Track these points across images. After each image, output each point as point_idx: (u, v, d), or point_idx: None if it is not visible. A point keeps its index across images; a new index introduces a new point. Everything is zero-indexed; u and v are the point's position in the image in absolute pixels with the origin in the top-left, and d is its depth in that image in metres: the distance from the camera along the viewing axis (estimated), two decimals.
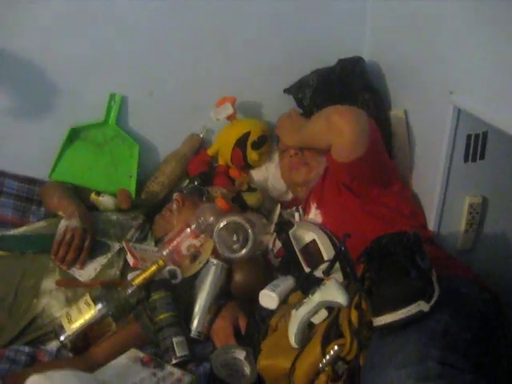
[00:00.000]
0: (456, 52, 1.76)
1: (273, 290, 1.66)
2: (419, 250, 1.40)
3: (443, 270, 1.50)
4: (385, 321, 1.30)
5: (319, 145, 1.88)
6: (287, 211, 2.11)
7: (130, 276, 1.79)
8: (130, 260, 1.84)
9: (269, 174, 2.27)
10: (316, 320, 1.46)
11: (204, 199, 2.08)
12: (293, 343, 1.45)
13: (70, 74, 2.14)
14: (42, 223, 1.99)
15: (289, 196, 2.28)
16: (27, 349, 1.68)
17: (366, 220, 1.81)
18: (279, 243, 1.95)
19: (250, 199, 2.12)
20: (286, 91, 2.25)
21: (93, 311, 1.65)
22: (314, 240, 1.69)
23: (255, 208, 2.12)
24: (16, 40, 2.05)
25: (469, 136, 1.83)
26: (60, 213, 1.95)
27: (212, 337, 1.77)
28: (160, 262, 1.72)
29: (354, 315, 1.38)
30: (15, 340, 1.72)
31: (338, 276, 1.56)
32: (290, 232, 1.75)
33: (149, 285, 1.74)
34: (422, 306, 1.30)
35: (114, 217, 2.06)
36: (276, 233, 1.92)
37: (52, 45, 2.09)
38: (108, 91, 2.20)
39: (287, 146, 2.11)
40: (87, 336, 1.67)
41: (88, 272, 1.83)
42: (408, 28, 2.05)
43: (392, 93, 2.23)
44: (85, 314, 1.65)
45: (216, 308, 1.80)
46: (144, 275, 1.72)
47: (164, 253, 1.88)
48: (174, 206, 2.02)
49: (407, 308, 1.29)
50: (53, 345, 1.72)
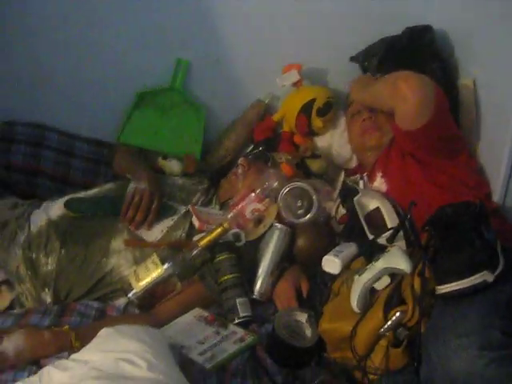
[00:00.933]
0: None
1: (336, 256, 1.68)
2: (485, 221, 1.40)
3: (508, 242, 1.50)
4: (449, 289, 1.31)
5: (382, 107, 1.89)
6: (350, 178, 2.11)
7: (196, 238, 1.83)
8: (196, 222, 1.89)
9: (333, 141, 2.25)
10: (378, 286, 1.47)
11: (269, 164, 2.10)
12: (355, 308, 1.47)
13: (139, 40, 2.18)
14: (111, 185, 2.04)
15: (352, 163, 2.26)
16: (96, 304, 1.75)
17: (431, 189, 1.79)
18: (342, 210, 1.97)
19: (314, 166, 2.13)
20: (353, 59, 2.23)
21: (159, 270, 1.71)
22: (378, 207, 1.69)
23: (319, 174, 2.13)
24: (90, 7, 2.10)
25: None
26: (129, 175, 2.00)
27: (274, 299, 1.81)
28: (225, 225, 1.76)
29: (417, 282, 1.39)
30: (85, 296, 1.79)
31: (402, 244, 1.55)
32: (355, 199, 1.75)
33: (213, 247, 1.78)
34: (487, 276, 1.30)
35: (180, 181, 2.10)
36: (340, 199, 1.93)
37: (123, 12, 2.13)
38: (175, 57, 2.22)
39: (359, 109, 2.09)
40: (153, 294, 1.73)
41: (155, 233, 1.88)
42: None
43: (461, 61, 2.17)
44: (152, 273, 1.71)
45: (279, 271, 1.84)
46: (209, 237, 1.77)
47: (229, 216, 1.90)
48: (240, 171, 2.05)
49: (472, 277, 1.30)
50: (121, 301, 1.78)
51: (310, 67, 2.27)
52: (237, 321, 1.68)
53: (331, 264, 1.67)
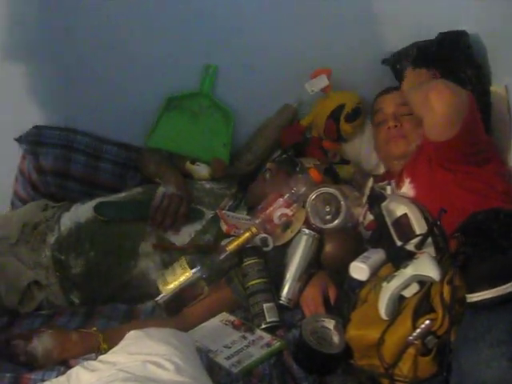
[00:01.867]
0: None
1: (364, 262, 1.66)
2: None
3: None
4: (480, 297, 1.29)
5: (415, 112, 1.86)
6: (379, 185, 2.10)
7: (224, 242, 1.83)
8: (224, 227, 1.89)
9: (362, 147, 2.25)
10: (407, 293, 1.45)
11: (297, 170, 2.10)
12: (383, 315, 1.46)
13: (168, 46, 2.19)
14: (139, 189, 2.05)
15: (380, 170, 2.26)
16: (124, 307, 1.77)
17: (459, 195, 1.78)
18: (370, 216, 1.95)
19: (343, 171, 2.13)
20: (384, 62, 2.21)
21: (187, 274, 1.71)
22: (406, 214, 1.67)
23: (347, 180, 2.13)
24: (116, 9, 2.11)
25: None
26: (157, 179, 2.01)
27: (301, 305, 1.80)
28: (253, 230, 1.76)
29: (447, 290, 1.37)
30: (113, 298, 1.81)
31: (431, 251, 1.54)
32: (383, 205, 1.74)
33: (241, 251, 1.78)
34: None
35: (208, 185, 2.11)
36: (368, 205, 1.92)
37: (154, 13, 2.14)
38: (204, 62, 2.24)
39: (384, 117, 2.08)
40: (181, 298, 1.73)
41: (183, 237, 1.90)
42: None
43: (493, 67, 2.15)
44: (180, 277, 1.71)
45: (306, 277, 1.83)
46: (237, 242, 1.77)
47: (256, 221, 1.90)
48: (268, 176, 2.05)
49: (504, 286, 1.27)
50: (148, 305, 1.80)
51: (340, 72, 2.25)
52: (264, 326, 1.68)
53: (359, 270, 1.66)
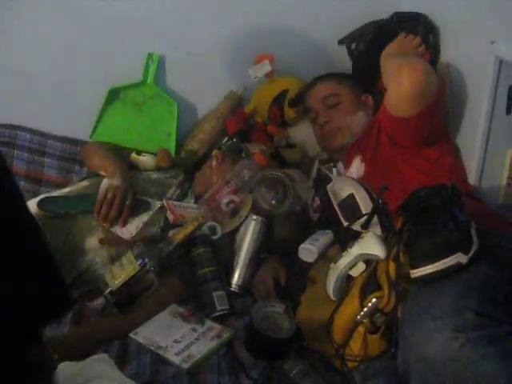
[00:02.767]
0: None
1: (312, 244, 1.67)
2: (458, 203, 1.40)
3: (484, 224, 1.49)
4: (422, 272, 1.30)
5: (384, 81, 1.86)
6: (325, 166, 2.10)
7: (171, 233, 1.82)
8: (170, 217, 1.88)
9: (307, 131, 2.25)
10: (354, 273, 1.46)
11: (243, 155, 2.09)
12: (331, 296, 1.47)
13: (108, 35, 2.16)
14: (85, 183, 2.02)
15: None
16: (74, 307, 1.73)
17: (407, 171, 1.81)
18: (318, 198, 1.96)
19: (289, 155, 2.14)
20: (340, 42, 2.22)
21: (135, 267, 1.69)
22: (352, 194, 1.68)
23: (294, 164, 2.13)
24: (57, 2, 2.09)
25: (510, 87, 1.79)
26: (101, 172, 1.98)
27: (252, 290, 1.80)
28: (199, 219, 1.76)
29: (392, 267, 1.38)
30: None
31: (376, 229, 1.54)
32: (328, 186, 1.74)
33: (189, 241, 1.77)
34: (461, 258, 1.30)
35: (155, 175, 2.09)
36: (314, 188, 1.93)
37: (90, 6, 2.11)
38: (145, 51, 2.21)
39: (315, 115, 2.11)
40: (131, 291, 1.71)
41: (130, 230, 1.87)
42: None
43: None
44: (127, 270, 1.69)
45: (256, 262, 1.83)
46: (184, 231, 1.75)
47: (204, 209, 1.89)
48: (214, 163, 2.04)
49: (445, 260, 1.29)
50: (99, 302, 1.76)
51: (282, 57, 2.25)
52: (214, 314, 1.67)
53: (307, 253, 1.67)
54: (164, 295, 1.75)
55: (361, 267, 1.46)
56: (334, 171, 1.98)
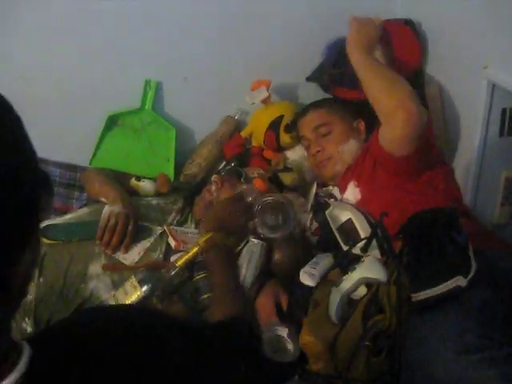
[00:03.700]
0: (491, 25, 1.77)
1: (313, 268, 1.69)
2: (456, 226, 1.44)
3: (480, 244, 1.53)
4: (423, 296, 1.34)
5: (373, 105, 1.77)
6: (323, 190, 2.14)
7: (173, 258, 1.84)
8: (172, 243, 1.90)
9: (303, 153, 2.28)
10: (356, 296, 1.49)
11: (242, 180, 2.12)
12: (334, 319, 1.48)
13: (106, 62, 2.20)
14: (86, 210, 2.04)
15: None
16: None
17: (403, 196, 1.82)
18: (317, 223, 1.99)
19: (287, 179, 2.16)
20: (308, 79, 2.29)
21: (138, 293, 1.71)
22: (350, 219, 1.71)
23: (292, 187, 2.15)
24: (54, 28, 2.13)
25: (504, 110, 1.85)
26: (102, 199, 2.00)
27: (254, 314, 1.82)
28: (201, 244, 1.77)
29: (393, 291, 1.41)
30: None
31: (376, 253, 1.58)
32: (327, 212, 1.77)
33: (191, 266, 1.79)
34: (460, 281, 1.34)
35: (155, 201, 2.12)
36: (313, 214, 1.96)
37: (88, 34, 2.15)
38: (143, 78, 2.25)
39: (308, 143, 2.14)
40: None
41: (132, 256, 1.89)
42: None
43: (428, 67, 2.23)
44: (131, 296, 1.71)
45: (258, 286, 1.84)
46: (186, 257, 1.77)
47: None
48: (213, 188, 2.06)
49: (445, 283, 1.33)
50: None
51: (279, 83, 2.31)
52: None
53: (308, 276, 1.69)
54: None
55: (362, 291, 1.48)
56: (336, 190, 2.03)
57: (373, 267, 1.47)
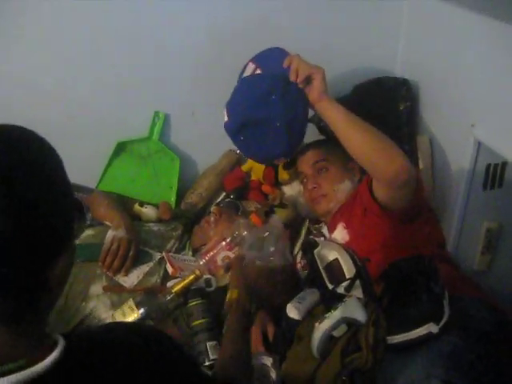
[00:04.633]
0: (478, 86, 1.87)
1: (299, 303, 1.77)
2: (434, 275, 1.53)
3: (456, 291, 1.63)
4: (396, 340, 1.44)
5: (358, 158, 1.73)
6: (315, 227, 2.24)
7: (170, 284, 1.95)
8: (169, 269, 2.01)
9: (299, 190, 2.37)
10: (337, 333, 1.57)
11: (239, 213, 2.23)
12: (315, 354, 1.56)
13: (119, 93, 2.32)
14: (90, 232, 2.13)
15: None
16: None
17: (390, 241, 1.87)
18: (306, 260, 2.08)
19: (282, 214, 2.25)
20: (309, 121, 2.35)
21: (135, 315, 1.82)
22: (337, 258, 1.78)
23: (286, 223, 2.25)
24: (69, 54, 2.24)
25: (488, 166, 1.94)
26: (107, 222, 2.11)
27: None
28: (197, 272, 1.88)
29: (371, 331, 1.51)
30: None
31: (358, 293, 1.66)
32: (315, 251, 1.86)
33: (186, 292, 1.90)
34: (432, 328, 1.43)
35: (156, 227, 2.23)
36: (302, 252, 2.05)
37: (103, 64, 2.27)
38: (153, 109, 2.37)
39: (304, 178, 2.21)
40: None
41: (132, 279, 1.99)
42: (435, 54, 2.16)
43: (419, 119, 2.35)
44: (128, 318, 1.82)
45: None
46: (182, 283, 1.88)
47: (201, 263, 2.02)
48: (212, 219, 2.16)
49: (417, 329, 1.43)
50: None
51: None
52: (207, 363, 1.79)
53: (295, 311, 1.77)
54: None
55: (343, 329, 1.57)
56: (325, 230, 2.12)
57: (354, 308, 1.56)
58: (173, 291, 1.87)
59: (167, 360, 1.09)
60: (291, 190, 2.41)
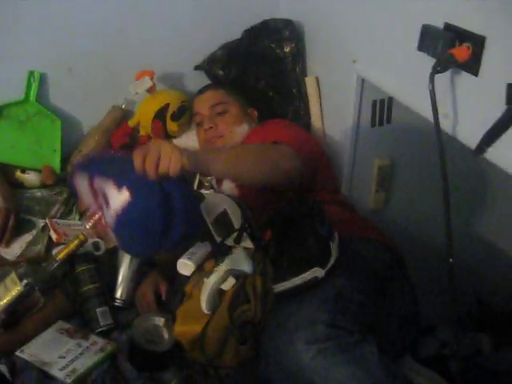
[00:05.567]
0: (357, 21, 1.83)
1: (189, 258, 1.73)
2: (319, 217, 1.50)
3: (348, 233, 1.61)
4: (282, 288, 1.41)
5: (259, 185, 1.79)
6: (208, 178, 2.18)
7: (55, 251, 1.86)
8: (53, 236, 1.92)
9: (189, 143, 2.31)
10: (225, 287, 1.53)
11: None
12: (204, 309, 1.52)
13: None
14: None
15: None
16: None
17: (280, 196, 1.84)
18: None
19: None
20: (197, 68, 2.33)
21: (19, 287, 1.71)
22: (225, 210, 1.75)
23: None
24: None
25: (374, 102, 1.93)
26: None
27: (135, 304, 1.86)
28: (81, 237, 1.79)
29: (259, 282, 1.48)
30: None
31: (248, 243, 1.63)
32: (202, 204, 1.81)
33: (73, 258, 1.82)
34: (317, 273, 1.41)
35: (39, 193, 2.12)
36: None
37: None
38: (27, 69, 2.22)
39: (201, 119, 2.16)
40: (17, 311, 1.74)
41: (14, 250, 1.90)
42: None
43: (307, 58, 2.30)
44: (11, 291, 1.71)
45: (139, 276, 1.89)
46: (67, 250, 1.79)
47: (87, 226, 1.94)
48: None
49: (303, 275, 1.40)
50: None
51: (164, 73, 2.33)
52: (98, 330, 1.73)
53: (185, 267, 1.73)
54: (50, 313, 1.78)
55: (231, 281, 1.53)
56: (214, 183, 2.07)
57: (240, 259, 1.53)
58: (57, 258, 1.78)
59: None
60: (182, 143, 2.33)
